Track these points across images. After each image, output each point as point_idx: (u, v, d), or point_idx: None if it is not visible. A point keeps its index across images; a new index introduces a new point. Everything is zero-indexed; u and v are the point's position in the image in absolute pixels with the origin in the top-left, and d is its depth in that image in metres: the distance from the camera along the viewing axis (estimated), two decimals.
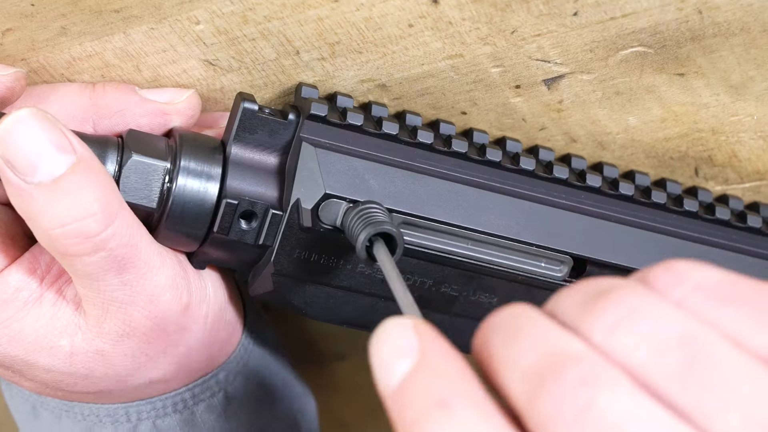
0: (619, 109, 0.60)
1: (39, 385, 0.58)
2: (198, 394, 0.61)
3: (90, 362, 0.56)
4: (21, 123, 0.51)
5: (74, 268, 0.53)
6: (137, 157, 0.55)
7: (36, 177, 0.51)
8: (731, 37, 0.57)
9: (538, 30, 0.56)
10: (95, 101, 0.57)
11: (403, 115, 0.59)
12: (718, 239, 0.61)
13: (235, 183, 0.55)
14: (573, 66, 0.58)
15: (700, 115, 0.60)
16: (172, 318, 0.56)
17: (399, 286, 0.45)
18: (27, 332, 0.55)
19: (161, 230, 0.56)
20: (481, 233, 0.57)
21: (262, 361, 0.65)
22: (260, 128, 0.56)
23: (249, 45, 0.56)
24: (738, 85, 0.59)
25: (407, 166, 0.57)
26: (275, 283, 0.56)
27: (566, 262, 0.58)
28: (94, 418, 0.61)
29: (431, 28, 0.56)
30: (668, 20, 0.56)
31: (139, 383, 0.58)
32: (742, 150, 0.62)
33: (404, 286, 0.45)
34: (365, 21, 0.55)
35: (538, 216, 0.58)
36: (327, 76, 0.58)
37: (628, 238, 0.59)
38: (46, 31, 0.55)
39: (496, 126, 0.61)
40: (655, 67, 0.58)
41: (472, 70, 0.58)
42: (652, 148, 0.62)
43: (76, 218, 0.51)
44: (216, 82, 0.58)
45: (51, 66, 0.57)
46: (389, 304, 0.58)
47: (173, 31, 0.56)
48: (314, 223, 0.54)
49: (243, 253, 0.57)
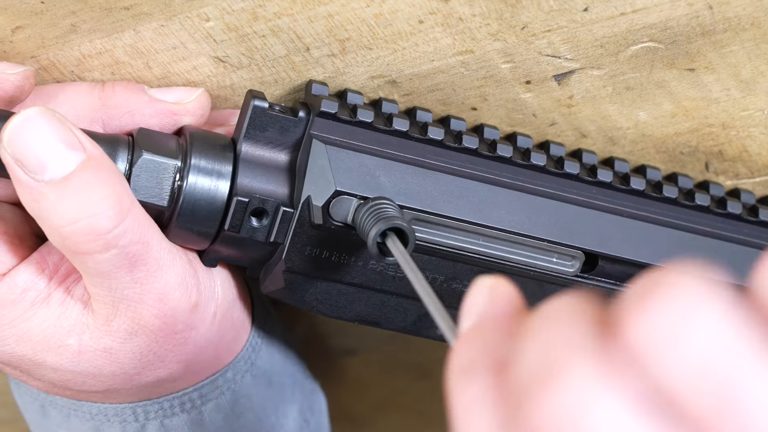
0: (630, 104, 0.60)
1: (47, 385, 0.58)
2: (206, 394, 0.61)
3: (98, 360, 0.56)
4: (30, 121, 0.51)
5: (85, 266, 0.53)
6: (148, 156, 0.55)
7: (46, 175, 0.51)
8: (742, 32, 0.57)
9: (549, 26, 0.56)
10: (104, 101, 0.56)
11: (413, 111, 0.59)
12: (730, 233, 0.61)
13: (246, 180, 0.55)
14: (583, 61, 0.58)
15: (710, 110, 0.60)
16: (181, 317, 0.56)
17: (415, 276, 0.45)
18: (35, 332, 0.55)
19: (172, 228, 0.55)
20: (492, 229, 0.57)
21: (270, 358, 0.65)
22: (270, 126, 0.56)
23: (259, 42, 0.56)
24: (748, 80, 0.59)
25: (418, 162, 0.57)
26: (286, 281, 0.56)
27: (578, 257, 0.58)
28: (102, 418, 0.61)
29: (441, 24, 0.55)
30: (678, 15, 0.56)
31: (147, 382, 0.58)
32: (752, 145, 0.62)
33: (420, 275, 0.45)
34: (375, 17, 0.55)
35: (549, 211, 0.58)
36: (337, 73, 0.58)
37: (640, 232, 0.59)
38: (56, 28, 0.55)
39: (506, 122, 0.61)
40: (665, 63, 0.58)
41: (482, 66, 0.58)
42: (663, 143, 0.62)
43: (86, 215, 0.51)
44: (226, 79, 0.58)
45: (61, 63, 0.57)
46: (400, 300, 0.58)
47: (183, 28, 0.55)
48: (325, 220, 0.54)
49: (254, 251, 0.57)
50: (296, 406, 0.66)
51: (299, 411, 0.67)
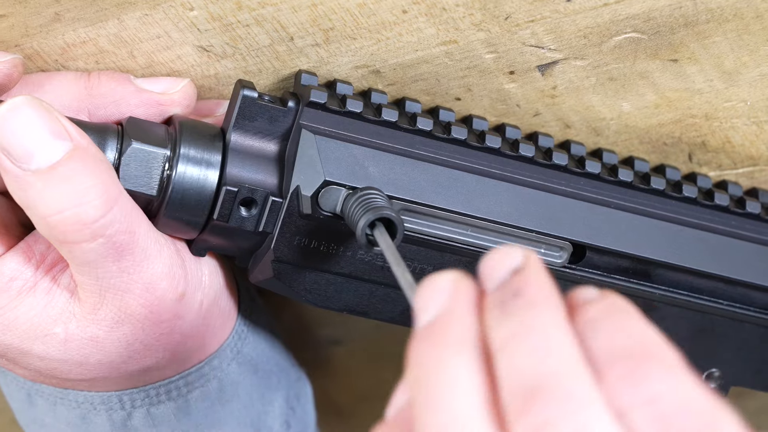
0: (613, 95, 0.60)
1: (33, 373, 0.58)
2: (192, 382, 0.61)
3: (84, 349, 0.56)
4: (16, 110, 0.51)
5: (72, 255, 0.53)
6: (137, 145, 0.55)
7: (33, 164, 0.51)
8: (724, 23, 0.57)
9: (532, 16, 0.56)
10: (90, 91, 0.56)
11: (402, 102, 0.59)
12: (716, 225, 0.61)
13: (235, 170, 0.56)
14: (567, 52, 0.58)
15: (693, 100, 0.61)
16: (168, 306, 0.56)
17: (400, 268, 0.45)
18: (21, 321, 0.55)
19: (161, 218, 0.56)
20: (480, 219, 0.57)
21: (256, 347, 0.65)
22: (260, 115, 0.56)
23: (243, 31, 0.56)
24: (731, 71, 0.59)
25: (407, 152, 0.57)
26: (275, 270, 0.56)
27: (566, 248, 0.59)
28: (89, 406, 0.61)
29: (425, 14, 0.56)
30: (661, 6, 0.56)
31: (134, 370, 0.58)
32: (735, 136, 0.62)
33: (405, 268, 0.45)
34: (359, 7, 0.55)
35: (538, 202, 0.58)
36: (321, 62, 0.58)
37: (627, 223, 0.59)
38: (40, 17, 0.55)
39: (490, 112, 0.61)
40: (648, 53, 0.58)
41: (466, 56, 0.58)
42: (646, 133, 0.62)
43: (73, 204, 0.51)
44: (210, 69, 0.58)
45: (45, 52, 0.57)
46: (388, 291, 0.58)
47: (167, 17, 0.56)
48: (314, 209, 0.55)
49: (243, 241, 0.57)
50: (282, 393, 0.66)
51: (285, 399, 0.67)
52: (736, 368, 0.63)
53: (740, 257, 0.61)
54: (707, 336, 0.62)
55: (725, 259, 0.61)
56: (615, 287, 0.60)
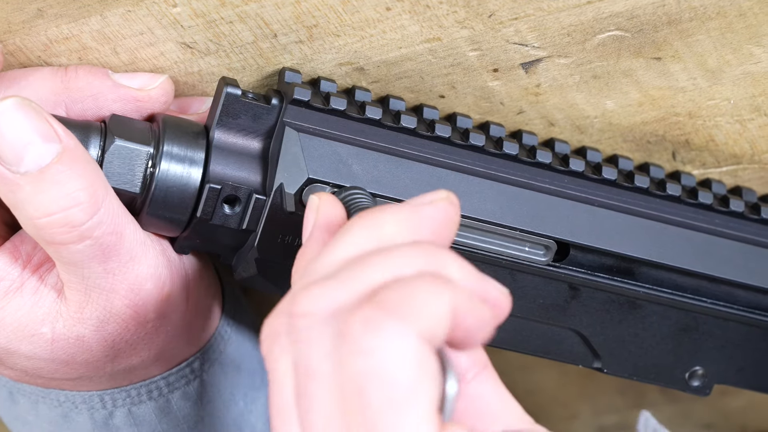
0: (597, 93, 0.60)
1: (19, 373, 0.58)
2: (173, 382, 0.61)
3: (71, 349, 0.56)
4: (5, 113, 0.51)
5: (59, 255, 0.53)
6: (120, 142, 0.55)
7: (22, 167, 0.51)
8: (708, 21, 0.57)
9: (516, 14, 0.56)
10: (67, 84, 0.56)
11: (386, 99, 0.59)
12: (700, 223, 0.62)
13: (219, 168, 0.56)
14: (550, 50, 0.58)
15: (677, 99, 0.61)
16: (153, 306, 0.56)
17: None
18: (8, 321, 0.55)
19: (144, 215, 0.56)
20: (464, 218, 0.57)
21: (240, 346, 0.65)
22: (243, 113, 0.56)
23: (226, 28, 0.56)
24: (715, 69, 0.59)
25: (391, 150, 0.57)
26: (259, 268, 0.56)
27: (550, 246, 0.59)
28: (70, 405, 0.61)
29: (409, 11, 0.56)
30: (645, 4, 0.56)
31: (119, 369, 0.58)
32: (718, 134, 0.63)
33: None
34: (343, 4, 0.55)
35: (522, 200, 0.58)
36: (305, 60, 0.58)
37: (611, 221, 0.59)
38: (22, 13, 0.55)
39: (474, 109, 0.61)
40: (632, 51, 0.58)
41: (449, 54, 0.58)
42: (630, 131, 0.62)
43: (62, 208, 0.51)
44: (193, 66, 0.58)
45: (27, 48, 0.57)
46: None
47: (150, 13, 0.55)
48: (297, 207, 0.55)
49: (227, 238, 0.57)
50: (266, 392, 0.66)
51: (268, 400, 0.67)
52: (719, 366, 0.63)
53: (724, 255, 0.61)
54: (691, 334, 0.62)
55: (709, 257, 0.61)
56: (599, 285, 0.60)
